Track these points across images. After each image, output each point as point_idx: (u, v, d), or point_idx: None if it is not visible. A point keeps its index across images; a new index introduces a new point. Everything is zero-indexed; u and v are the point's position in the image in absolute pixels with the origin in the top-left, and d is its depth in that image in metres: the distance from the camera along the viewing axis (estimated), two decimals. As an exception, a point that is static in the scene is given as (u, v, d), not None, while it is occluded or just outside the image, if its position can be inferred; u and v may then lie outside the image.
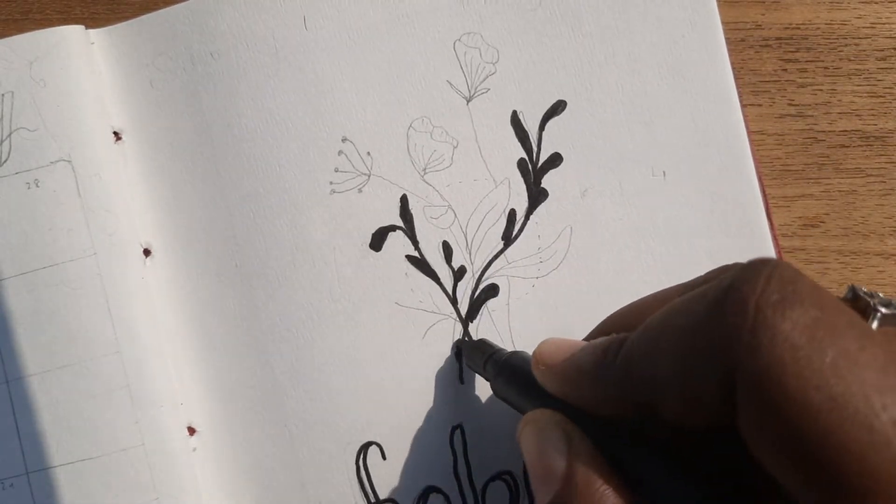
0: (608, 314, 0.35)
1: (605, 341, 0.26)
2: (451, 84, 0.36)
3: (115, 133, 0.36)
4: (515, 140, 0.36)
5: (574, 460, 0.25)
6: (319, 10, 0.36)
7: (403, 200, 0.36)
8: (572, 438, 0.26)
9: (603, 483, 0.24)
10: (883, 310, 0.23)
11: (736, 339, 0.20)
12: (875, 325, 0.22)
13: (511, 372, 0.31)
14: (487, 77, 0.36)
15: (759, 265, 0.21)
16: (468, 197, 0.36)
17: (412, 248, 0.36)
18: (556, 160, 0.36)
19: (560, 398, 0.27)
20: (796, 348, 0.20)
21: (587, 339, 0.29)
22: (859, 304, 0.23)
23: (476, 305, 0.36)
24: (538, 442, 0.26)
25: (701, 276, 0.26)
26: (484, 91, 0.36)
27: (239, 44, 0.36)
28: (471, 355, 0.35)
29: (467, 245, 0.36)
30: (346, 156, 0.36)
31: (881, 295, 0.24)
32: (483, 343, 0.35)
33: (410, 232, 0.36)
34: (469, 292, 0.36)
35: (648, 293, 0.35)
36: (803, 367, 0.19)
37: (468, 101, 0.36)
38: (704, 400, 0.22)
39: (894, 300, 0.23)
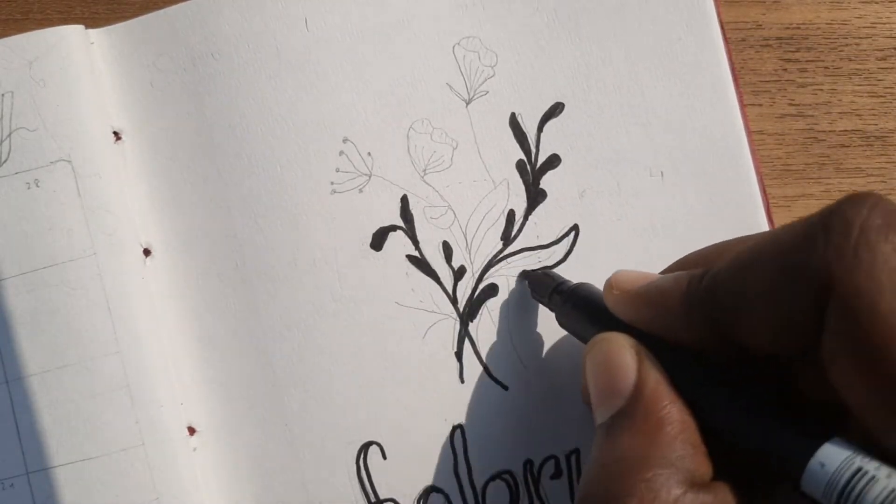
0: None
1: (689, 271, 0.26)
2: (450, 87, 0.36)
3: (115, 133, 0.36)
4: (514, 142, 0.36)
5: (644, 377, 0.26)
6: (321, 13, 0.36)
7: (404, 201, 0.36)
8: (643, 357, 0.26)
9: (670, 402, 0.25)
10: None
11: (838, 257, 0.21)
12: None
13: (579, 300, 0.32)
14: (486, 80, 0.36)
15: (863, 195, 0.22)
16: (468, 197, 0.36)
17: (412, 248, 0.36)
18: (554, 161, 0.36)
19: (632, 325, 0.28)
20: (894, 271, 0.20)
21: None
22: None
23: (476, 305, 0.36)
24: (608, 357, 0.27)
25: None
26: (483, 94, 0.36)
27: (240, 44, 0.36)
28: (536, 286, 0.35)
29: (467, 245, 0.36)
30: (347, 156, 0.36)
31: None
32: (549, 274, 0.35)
33: (411, 232, 0.36)
34: (469, 292, 0.36)
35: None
36: None
37: (467, 104, 0.36)
38: (793, 319, 0.22)
39: None
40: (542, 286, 0.34)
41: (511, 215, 0.36)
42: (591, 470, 0.26)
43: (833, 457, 0.22)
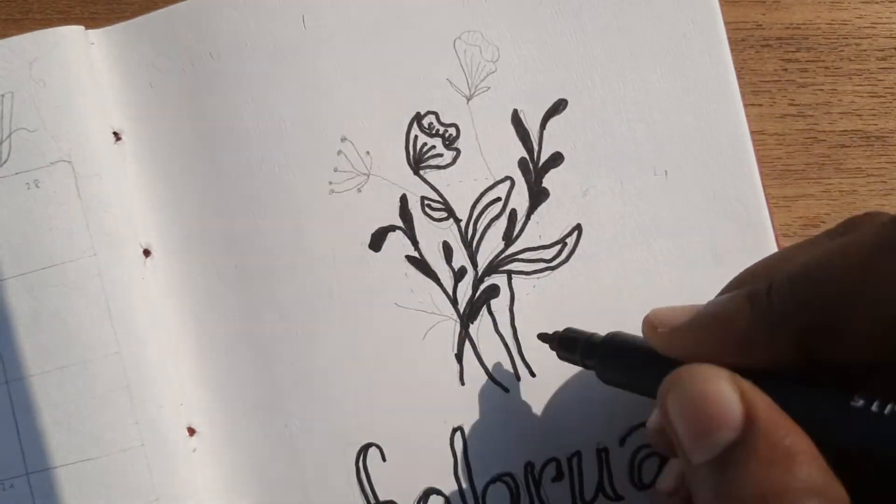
0: (609, 315, 0.35)
1: (745, 289, 0.25)
2: (451, 82, 0.36)
3: (115, 133, 0.36)
4: (516, 139, 0.36)
5: (754, 405, 0.23)
6: (319, 10, 0.36)
7: (403, 200, 0.36)
8: (744, 384, 0.24)
9: (789, 429, 0.23)
10: None
11: None
12: None
13: (617, 350, 0.30)
14: (488, 75, 0.36)
15: None
16: (468, 196, 0.36)
17: (412, 248, 0.36)
18: (557, 159, 0.36)
19: (689, 360, 0.26)
20: None
21: None
22: None
23: (477, 306, 0.36)
24: (703, 392, 0.24)
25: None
26: (484, 89, 0.36)
27: (238, 44, 0.36)
28: (563, 347, 0.33)
29: (467, 245, 0.36)
30: (346, 155, 0.36)
31: None
32: (572, 332, 0.33)
33: (410, 232, 0.36)
34: (469, 293, 0.36)
35: (650, 293, 0.35)
36: None
37: (468, 100, 0.36)
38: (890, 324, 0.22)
39: None
40: (569, 346, 0.33)
41: (513, 214, 0.36)
42: None
43: None
